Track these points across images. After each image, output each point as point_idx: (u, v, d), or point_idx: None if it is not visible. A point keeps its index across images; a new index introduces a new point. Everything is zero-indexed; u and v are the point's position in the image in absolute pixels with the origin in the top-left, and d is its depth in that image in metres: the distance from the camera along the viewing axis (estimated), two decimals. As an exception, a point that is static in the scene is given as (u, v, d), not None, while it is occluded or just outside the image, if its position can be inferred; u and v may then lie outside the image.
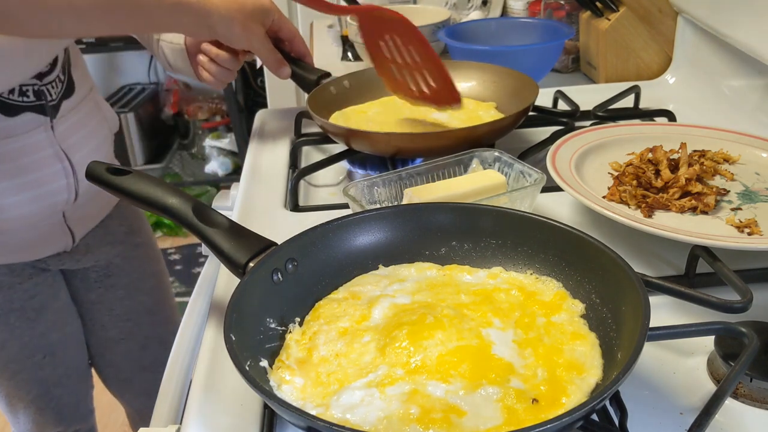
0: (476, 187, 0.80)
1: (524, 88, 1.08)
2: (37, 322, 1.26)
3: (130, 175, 0.74)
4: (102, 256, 1.32)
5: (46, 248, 1.21)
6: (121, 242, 1.34)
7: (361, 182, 0.83)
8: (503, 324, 0.61)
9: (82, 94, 1.18)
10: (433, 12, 1.58)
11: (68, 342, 1.34)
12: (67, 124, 1.13)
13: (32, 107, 1.07)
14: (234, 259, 0.65)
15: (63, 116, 1.12)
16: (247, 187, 1.03)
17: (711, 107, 1.20)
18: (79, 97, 1.16)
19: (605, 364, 0.57)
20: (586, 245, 0.64)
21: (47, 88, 1.09)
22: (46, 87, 1.08)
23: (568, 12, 1.51)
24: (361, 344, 0.60)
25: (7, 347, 1.25)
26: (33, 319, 1.25)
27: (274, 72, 1.09)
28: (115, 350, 1.43)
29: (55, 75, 1.11)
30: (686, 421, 0.57)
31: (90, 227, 1.26)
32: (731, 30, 1.12)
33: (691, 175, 0.85)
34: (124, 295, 1.37)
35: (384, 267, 0.71)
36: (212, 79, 1.17)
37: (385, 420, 0.52)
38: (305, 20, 1.96)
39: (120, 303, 1.38)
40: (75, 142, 1.14)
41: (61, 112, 1.11)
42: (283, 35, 1.10)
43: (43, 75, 1.08)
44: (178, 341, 0.90)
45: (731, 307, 0.62)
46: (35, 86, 1.07)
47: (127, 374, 1.46)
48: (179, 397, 0.82)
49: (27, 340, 1.26)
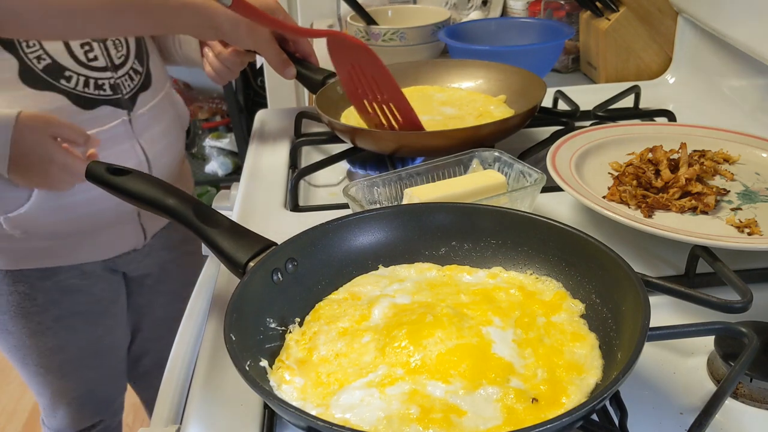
0: (476, 187, 0.80)
1: (531, 86, 1.08)
2: (97, 325, 1.29)
3: (131, 175, 0.74)
4: (159, 261, 1.34)
5: (120, 245, 1.23)
6: (176, 248, 1.37)
7: (361, 182, 0.83)
8: (503, 323, 0.61)
9: (159, 88, 1.20)
10: (433, 12, 1.58)
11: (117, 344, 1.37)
12: (144, 118, 1.15)
13: (108, 100, 1.10)
14: (234, 259, 0.65)
15: (140, 110, 1.14)
16: (247, 187, 1.03)
17: (711, 107, 1.20)
18: (156, 90, 1.19)
19: (605, 365, 0.57)
20: (586, 245, 0.64)
21: (122, 80, 1.12)
22: (120, 80, 1.11)
23: (568, 12, 1.51)
24: (361, 344, 0.60)
25: (65, 350, 1.27)
26: (93, 323, 1.28)
27: (280, 72, 1.09)
28: (148, 348, 1.47)
29: (129, 67, 1.13)
30: (686, 421, 0.57)
31: (160, 226, 1.29)
32: (731, 30, 1.12)
33: (691, 175, 0.85)
34: (166, 301, 1.40)
35: (384, 267, 0.71)
36: (214, 74, 1.19)
37: (385, 420, 0.52)
38: (305, 21, 1.96)
39: (162, 308, 1.41)
40: (152, 137, 1.17)
41: (138, 105, 1.14)
42: (287, 36, 1.10)
43: (118, 67, 1.11)
44: (178, 341, 0.90)
45: (731, 307, 0.62)
46: (111, 79, 1.10)
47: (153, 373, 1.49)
48: (179, 397, 0.82)
49: (84, 344, 1.29)
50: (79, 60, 1.08)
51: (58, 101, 1.05)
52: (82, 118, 1.07)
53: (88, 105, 1.08)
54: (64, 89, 1.06)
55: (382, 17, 1.56)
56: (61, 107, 1.05)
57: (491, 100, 1.11)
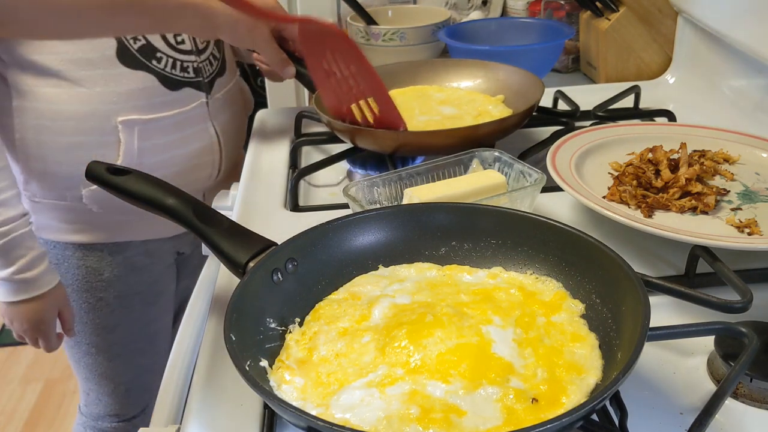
0: (476, 187, 0.80)
1: (529, 86, 1.08)
2: (154, 306, 1.34)
3: (131, 175, 0.74)
4: None
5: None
6: None
7: (361, 182, 0.83)
8: (503, 322, 0.61)
9: (231, 75, 1.27)
10: (433, 12, 1.58)
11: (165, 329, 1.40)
12: (219, 102, 1.22)
13: (191, 83, 1.17)
14: (234, 259, 0.65)
15: (216, 94, 1.21)
16: (247, 187, 1.03)
17: (711, 107, 1.20)
18: (229, 77, 1.25)
19: (605, 365, 0.57)
20: (586, 245, 0.64)
21: (203, 65, 1.19)
22: (202, 64, 1.18)
23: (568, 12, 1.51)
24: (361, 344, 0.60)
25: (118, 330, 1.31)
26: (150, 304, 1.32)
27: (279, 72, 1.10)
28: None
29: (209, 52, 1.20)
30: (686, 421, 0.57)
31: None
32: (731, 30, 1.12)
33: (691, 175, 0.85)
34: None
35: (384, 267, 0.71)
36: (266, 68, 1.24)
37: (385, 420, 0.52)
38: (305, 20, 1.96)
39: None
40: (224, 121, 1.24)
41: (215, 90, 1.21)
42: (287, 35, 1.10)
43: (201, 51, 1.18)
44: (178, 341, 0.90)
45: (731, 307, 0.62)
46: (194, 63, 1.17)
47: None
48: (179, 397, 0.82)
49: (137, 327, 1.33)
50: (169, 42, 1.14)
51: (149, 81, 1.12)
52: (168, 98, 1.14)
53: (174, 86, 1.15)
54: (155, 69, 1.13)
55: (382, 17, 1.56)
56: (151, 86, 1.12)
57: (490, 99, 1.11)
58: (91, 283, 1.25)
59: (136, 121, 1.12)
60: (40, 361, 2.53)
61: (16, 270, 1.09)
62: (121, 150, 1.12)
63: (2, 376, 2.50)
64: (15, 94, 1.11)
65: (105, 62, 1.09)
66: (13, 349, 2.57)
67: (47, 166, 1.13)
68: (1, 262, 1.09)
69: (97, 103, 1.10)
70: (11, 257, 1.08)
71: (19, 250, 1.09)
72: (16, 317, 1.14)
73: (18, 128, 1.12)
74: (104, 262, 1.25)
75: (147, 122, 1.13)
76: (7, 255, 1.08)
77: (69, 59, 1.08)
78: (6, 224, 1.07)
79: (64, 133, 1.11)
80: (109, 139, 1.11)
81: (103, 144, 1.12)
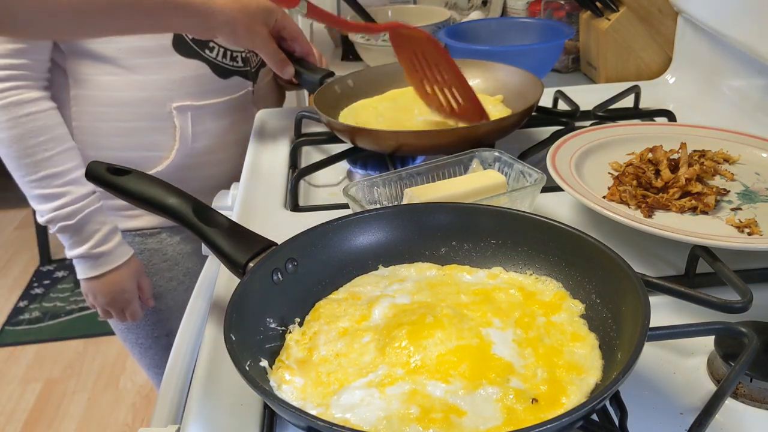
0: (476, 187, 0.80)
1: (529, 86, 1.08)
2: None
3: (131, 175, 0.74)
4: None
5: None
6: None
7: (361, 182, 0.83)
8: (503, 323, 0.61)
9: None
10: (433, 12, 1.59)
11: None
12: (262, 91, 1.29)
13: (240, 71, 1.24)
14: (234, 259, 0.65)
15: (261, 83, 1.28)
16: (247, 187, 1.03)
17: (711, 107, 1.19)
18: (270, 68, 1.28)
19: (605, 365, 0.57)
20: (586, 245, 0.64)
21: (251, 55, 1.25)
22: (250, 54, 1.26)
23: (568, 12, 1.51)
24: (361, 344, 0.60)
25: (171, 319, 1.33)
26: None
27: (278, 72, 1.10)
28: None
29: None
30: (686, 421, 0.57)
31: None
32: (731, 30, 1.12)
33: (691, 175, 0.85)
34: None
35: (384, 267, 0.71)
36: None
37: (385, 420, 0.52)
38: (305, 20, 1.96)
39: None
40: (266, 108, 1.28)
41: (260, 79, 1.28)
42: (286, 35, 1.10)
43: None
44: (178, 341, 0.90)
45: (731, 307, 0.62)
46: (243, 53, 1.24)
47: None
48: (179, 397, 0.82)
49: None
50: None
51: (202, 69, 1.19)
52: (218, 85, 1.21)
53: (224, 74, 1.21)
54: (207, 58, 1.19)
55: (382, 17, 1.57)
56: (203, 74, 1.19)
57: (488, 99, 1.11)
58: (157, 265, 1.29)
59: (189, 107, 1.18)
60: (40, 361, 2.54)
61: (94, 244, 1.13)
62: (177, 134, 1.18)
63: (2, 376, 2.50)
64: (73, 83, 1.15)
65: (161, 51, 1.15)
66: (13, 349, 2.57)
67: (104, 152, 1.17)
68: (78, 239, 1.13)
69: (153, 89, 1.15)
70: (86, 233, 1.13)
71: (93, 225, 1.13)
72: (100, 291, 1.17)
73: (75, 116, 1.17)
74: (164, 243, 1.28)
75: (199, 108, 1.19)
76: (82, 231, 1.13)
77: (126, 48, 1.13)
78: (79, 201, 1.12)
79: (121, 119, 1.15)
80: (163, 124, 1.18)
81: (158, 129, 1.18)
